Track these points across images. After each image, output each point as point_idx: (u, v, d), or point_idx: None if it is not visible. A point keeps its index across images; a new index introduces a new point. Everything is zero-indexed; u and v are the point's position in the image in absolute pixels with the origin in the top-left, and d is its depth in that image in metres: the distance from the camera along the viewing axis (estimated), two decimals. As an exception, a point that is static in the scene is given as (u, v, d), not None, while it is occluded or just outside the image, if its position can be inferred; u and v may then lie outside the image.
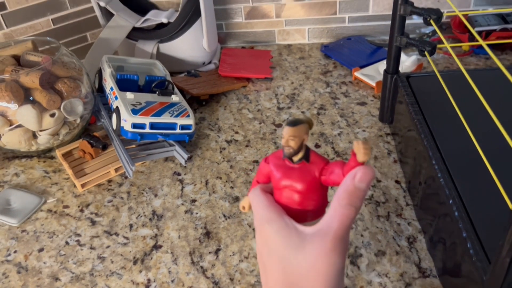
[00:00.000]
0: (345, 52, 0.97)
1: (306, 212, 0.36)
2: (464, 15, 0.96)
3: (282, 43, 1.06)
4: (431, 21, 0.63)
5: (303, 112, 0.82)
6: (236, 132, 0.79)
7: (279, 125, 0.80)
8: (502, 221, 0.46)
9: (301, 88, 0.89)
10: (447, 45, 0.56)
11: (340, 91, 0.87)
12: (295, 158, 0.35)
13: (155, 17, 0.92)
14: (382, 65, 0.88)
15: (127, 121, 0.69)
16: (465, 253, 0.45)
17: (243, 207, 0.39)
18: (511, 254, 0.35)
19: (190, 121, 0.74)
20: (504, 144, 0.37)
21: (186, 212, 0.65)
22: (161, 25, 0.94)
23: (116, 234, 0.63)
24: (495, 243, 0.38)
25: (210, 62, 0.99)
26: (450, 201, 0.49)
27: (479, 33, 0.91)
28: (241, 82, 0.91)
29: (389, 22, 0.69)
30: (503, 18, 0.92)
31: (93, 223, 0.65)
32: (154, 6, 1.01)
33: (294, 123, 0.34)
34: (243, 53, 1.00)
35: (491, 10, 0.96)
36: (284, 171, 0.36)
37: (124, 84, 0.78)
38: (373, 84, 0.84)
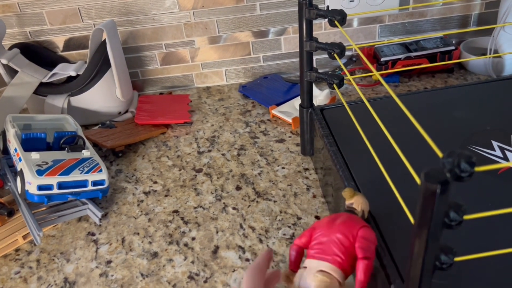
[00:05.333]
0: (263, 91, 0.97)
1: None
2: (372, 47, 1.01)
3: (201, 86, 1.05)
4: (335, 55, 0.65)
5: (223, 154, 0.80)
6: (155, 182, 0.76)
7: (200, 170, 0.78)
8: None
9: (221, 130, 0.88)
10: (349, 77, 0.58)
11: (259, 129, 0.87)
12: None
13: (63, 71, 0.88)
14: (297, 101, 0.89)
15: (32, 183, 0.65)
16: (382, 278, 0.45)
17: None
18: (420, 268, 0.35)
19: (102, 176, 0.70)
20: (407, 169, 0.37)
21: (100, 275, 0.60)
22: (71, 78, 0.90)
23: (24, 309, 0.57)
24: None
25: (127, 111, 0.96)
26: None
27: (386, 62, 0.95)
28: (159, 129, 0.89)
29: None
30: (406, 47, 0.97)
31: (-2, 300, 0.59)
32: (63, 59, 0.97)
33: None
34: (161, 99, 0.98)
35: (395, 40, 1.01)
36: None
37: (31, 143, 0.73)
38: (290, 120, 0.85)
